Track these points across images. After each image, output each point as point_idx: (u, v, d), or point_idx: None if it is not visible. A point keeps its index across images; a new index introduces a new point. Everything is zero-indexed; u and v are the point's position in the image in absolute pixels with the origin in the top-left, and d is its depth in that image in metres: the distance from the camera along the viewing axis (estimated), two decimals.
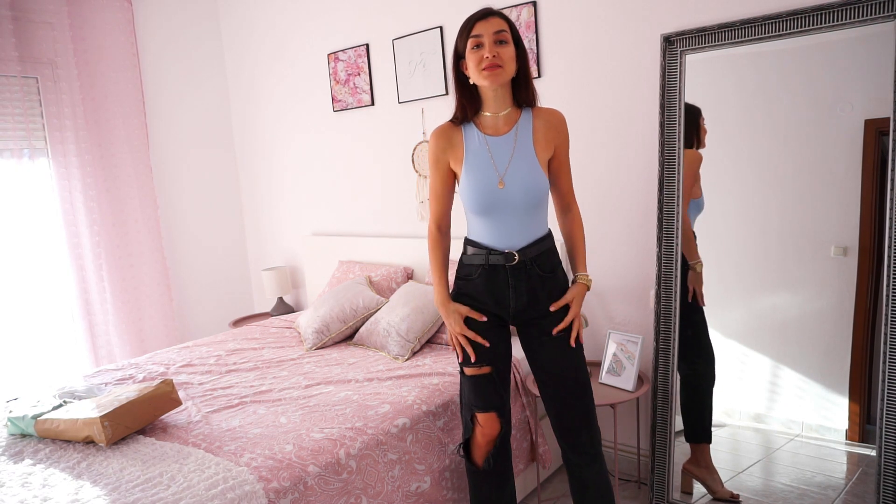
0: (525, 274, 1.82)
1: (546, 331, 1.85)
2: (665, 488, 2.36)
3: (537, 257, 1.83)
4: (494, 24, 1.73)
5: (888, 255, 1.93)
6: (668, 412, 2.37)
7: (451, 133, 1.85)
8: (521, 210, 1.79)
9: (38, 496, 1.65)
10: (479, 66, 1.71)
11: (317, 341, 2.93)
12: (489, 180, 1.78)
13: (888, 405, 1.93)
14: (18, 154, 3.18)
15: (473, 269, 1.86)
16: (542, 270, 1.84)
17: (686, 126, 2.28)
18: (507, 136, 1.81)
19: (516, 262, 1.81)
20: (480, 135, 1.82)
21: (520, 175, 1.77)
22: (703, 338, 2.33)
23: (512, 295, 1.83)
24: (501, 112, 1.81)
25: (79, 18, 3.36)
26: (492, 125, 1.82)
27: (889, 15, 1.88)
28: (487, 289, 1.85)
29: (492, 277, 1.84)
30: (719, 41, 2.20)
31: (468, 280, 1.88)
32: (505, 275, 1.82)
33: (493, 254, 1.82)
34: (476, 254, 1.85)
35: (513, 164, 1.78)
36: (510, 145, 1.80)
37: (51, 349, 3.38)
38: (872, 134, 1.99)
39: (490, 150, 1.80)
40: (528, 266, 1.82)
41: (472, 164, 1.80)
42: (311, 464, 1.76)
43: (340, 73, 3.50)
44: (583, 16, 2.58)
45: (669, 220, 2.34)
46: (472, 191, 1.80)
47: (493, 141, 1.81)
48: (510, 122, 1.82)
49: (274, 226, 4.17)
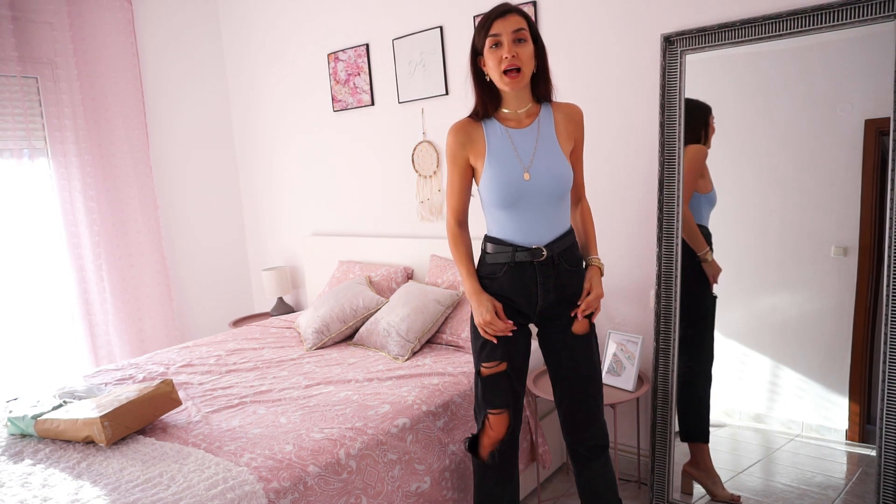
0: (553, 270, 1.80)
1: (569, 330, 1.85)
2: (665, 488, 2.36)
3: (564, 252, 1.81)
4: (513, 22, 1.70)
5: (888, 255, 1.93)
6: (668, 412, 2.37)
7: (471, 128, 1.83)
8: (546, 202, 1.77)
9: (37, 496, 1.65)
10: (500, 67, 1.71)
11: (317, 341, 2.93)
12: (515, 172, 1.76)
13: (888, 405, 1.93)
14: (18, 154, 3.18)
15: (498, 268, 1.83)
16: (569, 265, 1.83)
17: (695, 122, 2.28)
18: (529, 128, 1.80)
19: (544, 258, 1.79)
20: (503, 128, 1.81)
21: (545, 165, 1.77)
22: (707, 337, 2.33)
23: (540, 292, 1.81)
24: (522, 108, 1.81)
25: (79, 18, 3.36)
26: (514, 118, 1.82)
27: (889, 15, 1.88)
28: (514, 287, 1.82)
29: (518, 275, 1.81)
30: (719, 41, 2.20)
31: (493, 279, 1.85)
32: (533, 271, 1.80)
33: (519, 250, 1.79)
34: (500, 251, 1.82)
35: (538, 155, 1.77)
36: (533, 136, 1.79)
37: (51, 349, 3.38)
38: (872, 134, 1.99)
39: (513, 142, 1.79)
40: (555, 261, 1.80)
41: (496, 157, 1.78)
42: (311, 464, 1.76)
43: (340, 73, 3.50)
44: (583, 16, 2.58)
45: (669, 220, 2.34)
46: (497, 184, 1.77)
47: (516, 133, 1.80)
48: (531, 116, 1.82)
49: (274, 226, 4.17)
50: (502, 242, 1.82)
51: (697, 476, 2.30)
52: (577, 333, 1.85)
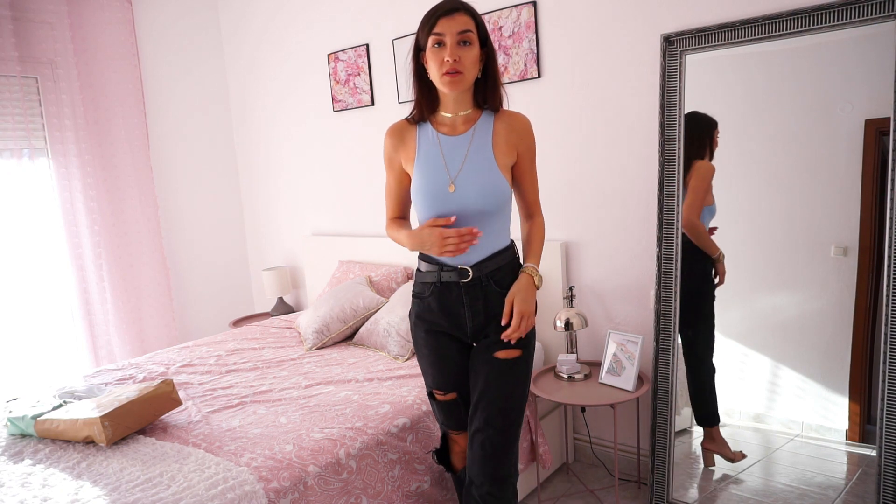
0: (481, 291, 1.67)
1: (493, 351, 1.68)
2: (665, 488, 2.36)
3: (494, 272, 1.67)
4: (459, 22, 1.56)
5: (888, 255, 1.93)
6: (668, 412, 2.37)
7: (405, 131, 1.72)
8: (474, 218, 1.63)
9: (37, 496, 1.65)
10: (441, 69, 1.58)
11: (317, 341, 2.93)
12: (440, 182, 1.63)
13: (888, 405, 1.93)
14: (18, 154, 3.17)
15: (426, 288, 1.73)
16: (499, 287, 1.68)
17: (701, 136, 2.29)
18: (463, 136, 1.66)
19: (470, 279, 1.66)
20: (434, 132, 1.68)
21: (473, 177, 1.62)
22: (710, 333, 2.37)
23: (468, 314, 1.69)
24: (461, 112, 1.68)
25: (78, 18, 3.36)
26: (449, 124, 1.69)
27: (889, 15, 1.88)
28: (442, 309, 1.70)
29: (445, 296, 1.69)
30: (719, 41, 2.20)
31: (422, 299, 1.74)
32: (459, 293, 1.68)
33: (445, 270, 1.67)
34: (429, 270, 1.71)
35: (467, 166, 1.63)
36: (465, 145, 1.65)
37: (51, 349, 3.38)
38: (872, 134, 1.99)
39: (442, 149, 1.66)
40: (483, 283, 1.67)
41: (423, 165, 1.66)
42: (311, 464, 1.76)
43: (340, 73, 3.49)
44: (583, 16, 2.57)
45: (669, 220, 2.34)
46: (421, 193, 1.66)
47: (447, 140, 1.66)
48: (469, 123, 1.68)
49: (274, 226, 4.17)
50: (431, 260, 1.71)
51: (715, 448, 2.38)
52: (502, 359, 1.67)
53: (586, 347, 2.75)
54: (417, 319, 1.78)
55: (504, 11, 2.75)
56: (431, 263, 1.70)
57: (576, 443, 2.87)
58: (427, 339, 1.77)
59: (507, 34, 2.76)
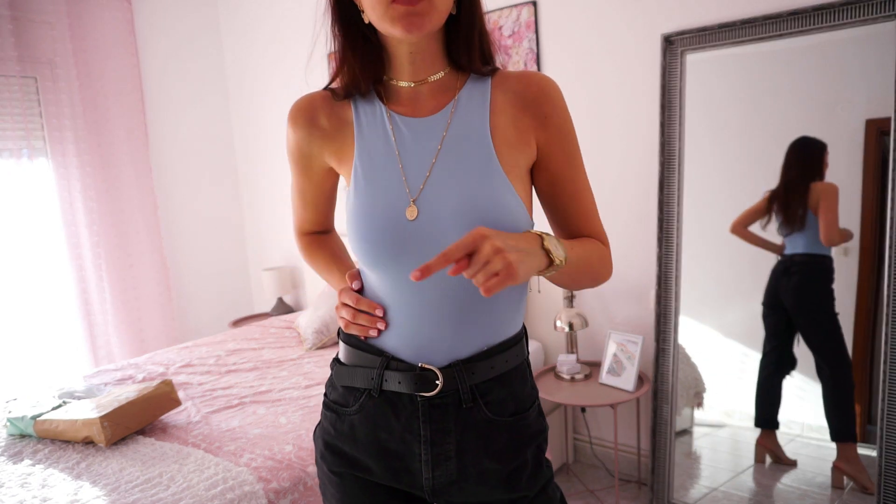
0: (459, 418, 0.94)
1: None
2: (665, 488, 2.36)
3: (486, 384, 0.95)
4: None
5: (888, 255, 1.93)
6: (668, 412, 2.37)
7: (327, 110, 1.00)
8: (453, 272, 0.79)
9: (37, 496, 1.65)
10: None
11: (317, 341, 2.93)
12: (389, 203, 0.93)
13: (888, 405, 1.93)
14: (17, 154, 3.17)
15: (350, 396, 0.99)
16: (493, 412, 0.95)
17: (812, 161, 2.14)
18: (433, 117, 0.96)
19: (438, 392, 0.93)
20: (383, 114, 0.97)
21: (452, 193, 0.91)
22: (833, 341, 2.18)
23: (426, 456, 0.95)
24: (428, 77, 0.97)
25: (78, 18, 3.36)
26: (407, 98, 0.98)
27: (889, 15, 1.88)
28: (372, 440, 0.97)
29: (383, 417, 0.96)
30: (719, 41, 2.20)
31: (339, 414, 1.00)
32: (412, 414, 0.95)
33: (392, 366, 0.95)
34: (360, 363, 0.98)
35: (439, 172, 0.93)
36: (436, 134, 0.95)
37: (51, 349, 3.37)
38: (873, 134, 1.99)
39: (398, 142, 0.96)
40: (464, 401, 0.94)
41: (365, 169, 0.96)
42: (311, 464, 1.76)
43: None
44: (583, 16, 2.57)
45: (669, 220, 2.34)
46: (359, 220, 0.95)
47: (409, 125, 0.96)
48: (442, 94, 0.97)
49: (274, 226, 4.16)
50: (365, 347, 0.98)
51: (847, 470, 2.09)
52: None
53: (586, 348, 2.75)
54: (325, 450, 1.02)
55: (504, 11, 2.75)
56: (365, 352, 0.98)
57: (576, 443, 2.87)
58: (339, 488, 1.01)
59: (507, 34, 2.76)
